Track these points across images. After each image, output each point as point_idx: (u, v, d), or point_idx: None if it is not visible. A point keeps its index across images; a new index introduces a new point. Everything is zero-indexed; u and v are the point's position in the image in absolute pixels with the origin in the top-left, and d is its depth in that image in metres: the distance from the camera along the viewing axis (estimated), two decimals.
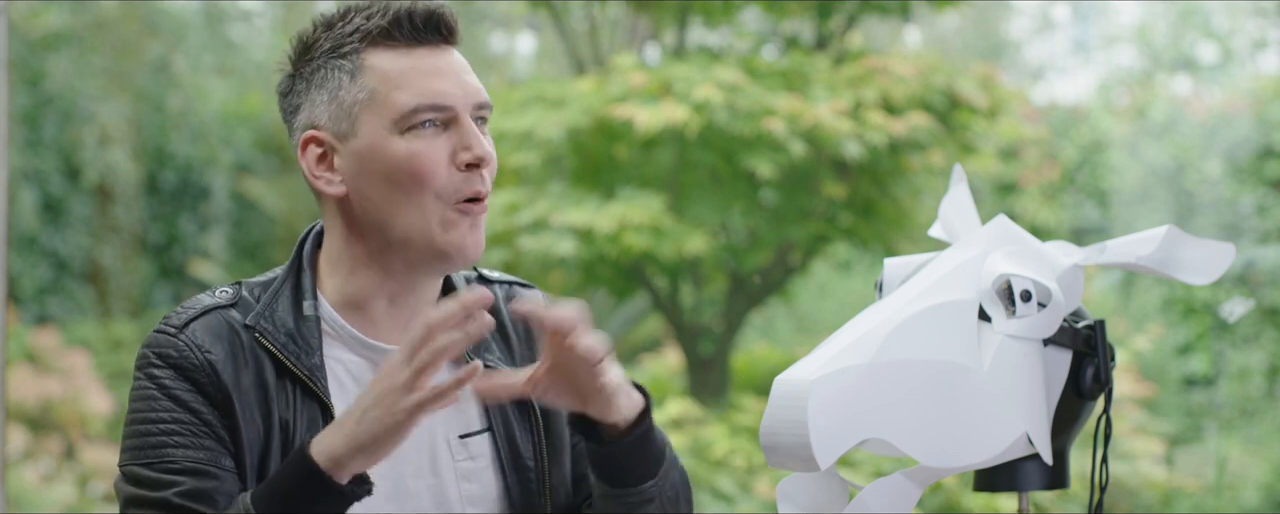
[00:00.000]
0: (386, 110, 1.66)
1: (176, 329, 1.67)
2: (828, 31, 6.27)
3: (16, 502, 6.24)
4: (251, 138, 10.11)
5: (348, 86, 1.68)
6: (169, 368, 1.65)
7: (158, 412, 1.64)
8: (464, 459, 1.73)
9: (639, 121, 5.33)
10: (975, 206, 1.87)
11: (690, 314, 6.19)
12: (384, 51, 1.67)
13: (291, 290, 1.71)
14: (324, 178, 1.69)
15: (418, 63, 1.66)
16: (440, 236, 1.66)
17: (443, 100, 1.66)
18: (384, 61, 1.66)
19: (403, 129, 1.65)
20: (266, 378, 1.67)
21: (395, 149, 1.65)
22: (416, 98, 1.65)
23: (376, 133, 1.66)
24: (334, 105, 1.68)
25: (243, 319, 1.69)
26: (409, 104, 1.65)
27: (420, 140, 1.65)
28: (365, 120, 1.67)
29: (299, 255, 1.74)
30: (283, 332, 1.68)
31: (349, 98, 1.67)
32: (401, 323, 1.71)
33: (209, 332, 1.67)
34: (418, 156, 1.65)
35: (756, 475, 5.31)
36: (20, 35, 8.43)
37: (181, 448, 1.62)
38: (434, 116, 1.66)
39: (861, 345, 1.64)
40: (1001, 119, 6.16)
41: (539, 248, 5.43)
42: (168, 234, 9.75)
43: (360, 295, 1.71)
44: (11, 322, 7.52)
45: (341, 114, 1.68)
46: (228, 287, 1.73)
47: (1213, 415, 7.95)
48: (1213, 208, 8.37)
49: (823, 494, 1.71)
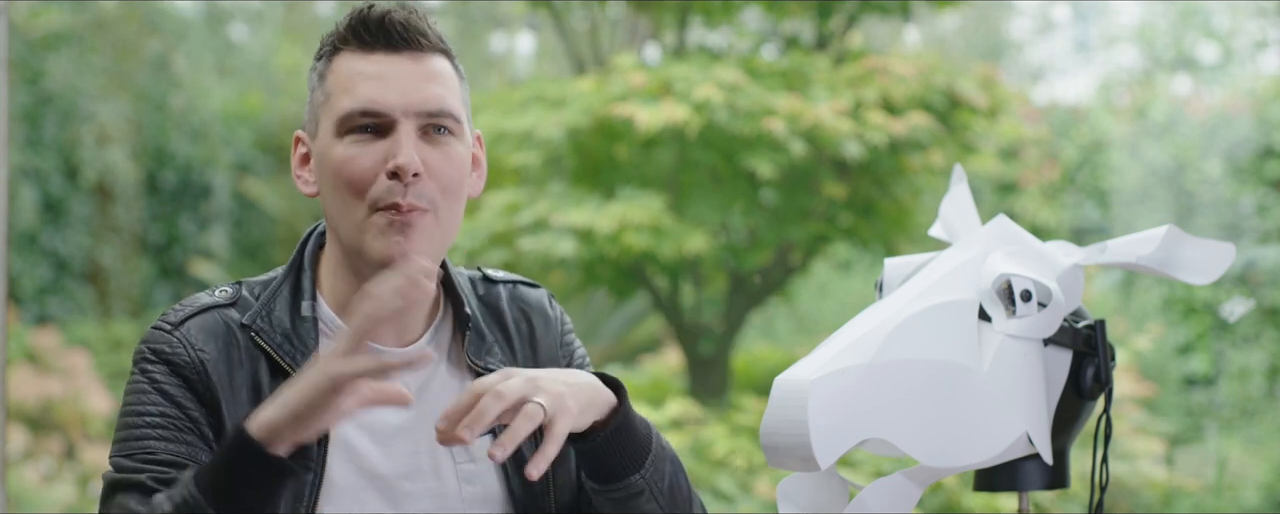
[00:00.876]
0: (333, 112, 1.66)
1: (172, 326, 1.68)
2: (828, 31, 6.27)
3: (16, 502, 6.24)
4: (252, 138, 10.11)
5: (317, 89, 1.70)
6: (161, 363, 1.66)
7: (145, 406, 1.65)
8: (465, 461, 1.73)
9: (639, 121, 5.33)
10: (975, 206, 1.87)
11: (690, 314, 6.19)
12: (347, 55, 1.67)
13: (290, 291, 1.72)
14: (303, 177, 1.72)
15: (368, 67, 1.66)
16: (369, 242, 1.65)
17: (375, 107, 1.64)
18: (344, 64, 1.67)
19: (342, 132, 1.65)
20: (261, 377, 1.67)
21: (334, 152, 1.66)
22: (353, 102, 1.64)
23: (326, 135, 1.67)
24: (309, 107, 1.71)
25: (240, 318, 1.69)
26: (346, 108, 1.65)
27: (356, 146, 1.65)
28: (322, 122, 1.68)
29: (300, 256, 1.74)
30: (279, 332, 1.68)
31: (316, 100, 1.70)
32: (392, 327, 1.70)
33: (204, 330, 1.67)
34: (348, 162, 1.64)
35: (756, 475, 5.30)
36: (20, 35, 8.43)
37: (162, 440, 1.63)
38: (369, 122, 1.64)
39: (861, 345, 1.64)
40: (1002, 119, 6.16)
41: (539, 248, 5.43)
42: (168, 234, 9.75)
43: (351, 297, 1.70)
44: (11, 322, 7.52)
45: (311, 115, 1.71)
46: (228, 286, 1.74)
47: (1213, 415, 7.95)
48: (1213, 208, 8.36)
49: (823, 494, 1.71)
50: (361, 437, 1.69)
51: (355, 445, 1.69)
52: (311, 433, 1.51)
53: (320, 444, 1.66)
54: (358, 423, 1.68)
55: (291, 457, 1.53)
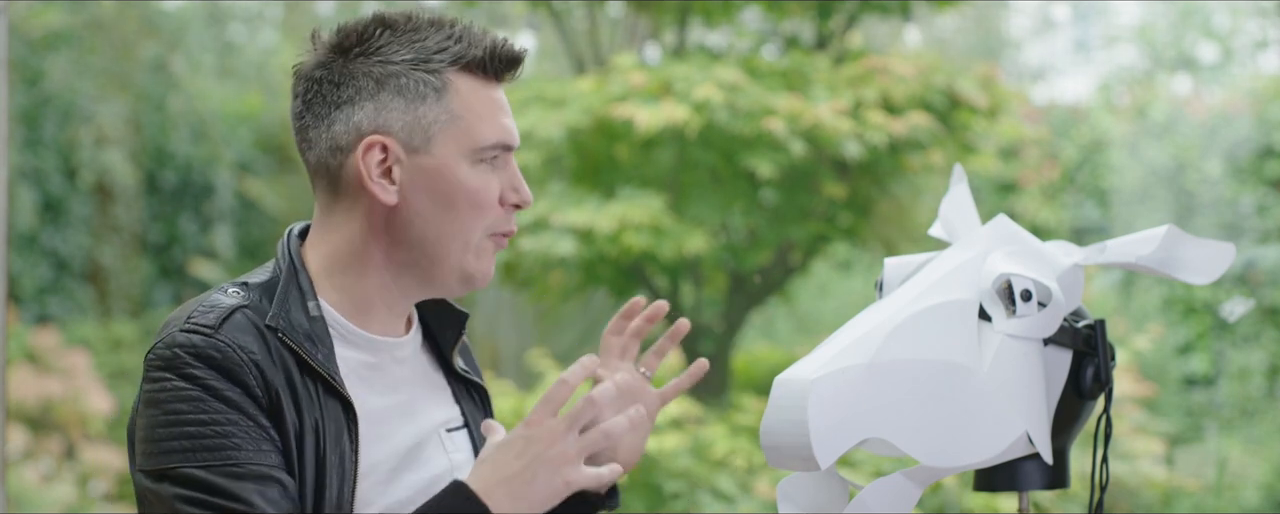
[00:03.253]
0: (467, 138, 1.69)
1: (212, 329, 1.63)
2: (828, 31, 6.27)
3: (16, 502, 6.24)
4: (252, 138, 10.11)
5: (432, 103, 1.69)
6: (212, 369, 1.61)
7: (210, 414, 1.60)
8: (455, 452, 1.75)
9: (639, 121, 5.33)
10: (975, 206, 1.87)
11: (690, 314, 6.19)
12: (469, 79, 1.70)
13: (297, 291, 1.71)
14: (380, 184, 1.69)
15: (496, 97, 1.72)
16: (472, 262, 1.71)
17: (511, 140, 1.73)
18: (469, 89, 1.70)
19: (476, 160, 1.70)
20: (293, 376, 1.65)
21: (464, 176, 1.69)
22: (497, 133, 1.70)
23: (451, 156, 1.69)
24: (410, 117, 1.68)
25: (263, 319, 1.67)
26: (490, 138, 1.70)
27: (488, 174, 1.71)
28: (442, 141, 1.69)
29: (292, 257, 1.74)
30: (300, 332, 1.67)
31: (430, 115, 1.68)
32: (394, 322, 1.74)
33: (243, 331, 1.64)
34: (484, 189, 1.70)
35: (756, 475, 5.30)
36: (20, 35, 8.43)
37: (243, 450, 1.59)
38: (501, 153, 1.72)
39: (861, 345, 1.64)
40: (1001, 119, 6.16)
41: (539, 248, 5.43)
42: (168, 234, 9.74)
43: (366, 297, 1.72)
44: (11, 322, 7.52)
45: (418, 128, 1.68)
46: (233, 285, 1.71)
47: (1213, 415, 7.95)
48: (1213, 208, 8.36)
49: (823, 494, 1.71)
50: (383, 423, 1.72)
51: (380, 427, 1.72)
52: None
53: (352, 433, 1.67)
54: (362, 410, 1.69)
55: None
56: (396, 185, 1.68)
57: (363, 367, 1.71)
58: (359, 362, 1.71)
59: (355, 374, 1.70)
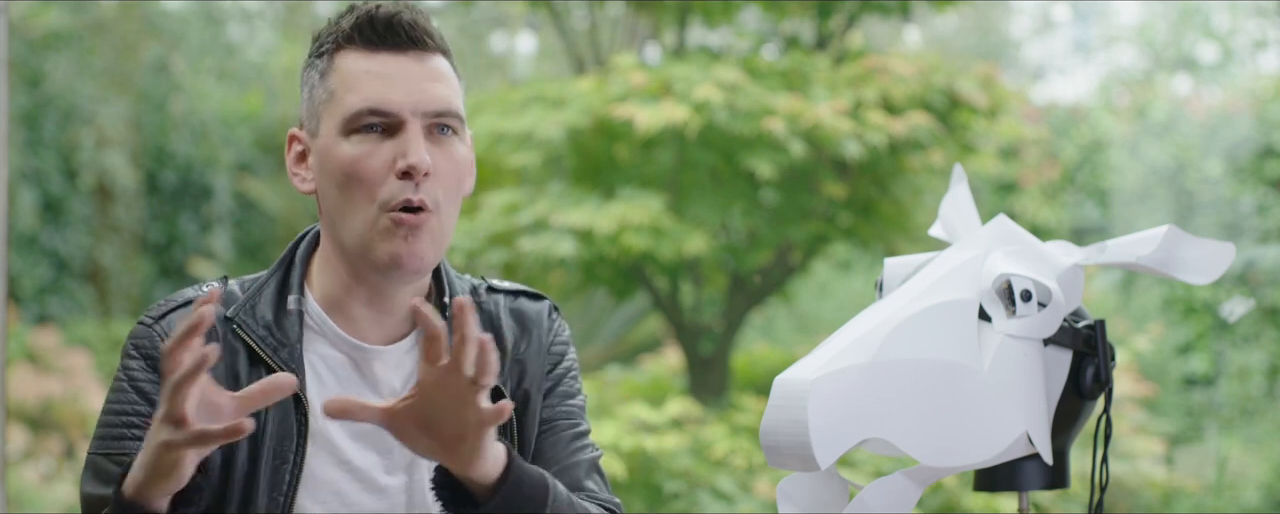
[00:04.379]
0: (338, 111, 1.66)
1: (154, 320, 1.69)
2: (828, 31, 6.27)
3: (16, 502, 6.24)
4: (252, 138, 10.12)
5: (318, 86, 1.70)
6: (140, 359, 1.67)
7: (122, 404, 1.66)
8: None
9: (639, 121, 5.33)
10: (975, 206, 1.87)
11: (690, 314, 6.19)
12: (351, 53, 1.67)
13: (277, 285, 1.73)
14: (299, 174, 1.72)
15: (374, 66, 1.66)
16: (376, 245, 1.64)
17: (385, 106, 1.64)
18: (347, 63, 1.67)
19: (348, 131, 1.65)
20: (239, 370, 1.67)
21: (340, 151, 1.65)
22: (361, 101, 1.64)
23: (330, 133, 1.67)
24: (307, 104, 1.71)
25: (223, 311, 1.69)
26: (354, 106, 1.65)
27: (364, 144, 1.65)
28: (325, 120, 1.68)
29: (292, 252, 1.75)
30: (261, 325, 1.69)
31: (317, 97, 1.69)
32: (379, 324, 1.72)
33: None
34: (357, 160, 1.64)
35: (756, 475, 5.30)
36: (20, 35, 8.43)
37: (136, 440, 1.63)
38: (377, 121, 1.65)
39: (861, 345, 1.64)
40: (1001, 119, 6.16)
41: (539, 248, 5.43)
42: (168, 234, 9.75)
43: (338, 294, 1.72)
44: (11, 322, 7.52)
45: (311, 113, 1.70)
46: (215, 281, 1.74)
47: (1213, 415, 7.95)
48: (1213, 208, 8.36)
49: (823, 494, 1.71)
50: (340, 431, 1.70)
51: (334, 439, 1.69)
52: (176, 486, 1.48)
53: (300, 437, 1.67)
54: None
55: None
56: (311, 173, 1.70)
57: (335, 364, 1.71)
58: (332, 359, 1.71)
59: (329, 371, 1.70)
